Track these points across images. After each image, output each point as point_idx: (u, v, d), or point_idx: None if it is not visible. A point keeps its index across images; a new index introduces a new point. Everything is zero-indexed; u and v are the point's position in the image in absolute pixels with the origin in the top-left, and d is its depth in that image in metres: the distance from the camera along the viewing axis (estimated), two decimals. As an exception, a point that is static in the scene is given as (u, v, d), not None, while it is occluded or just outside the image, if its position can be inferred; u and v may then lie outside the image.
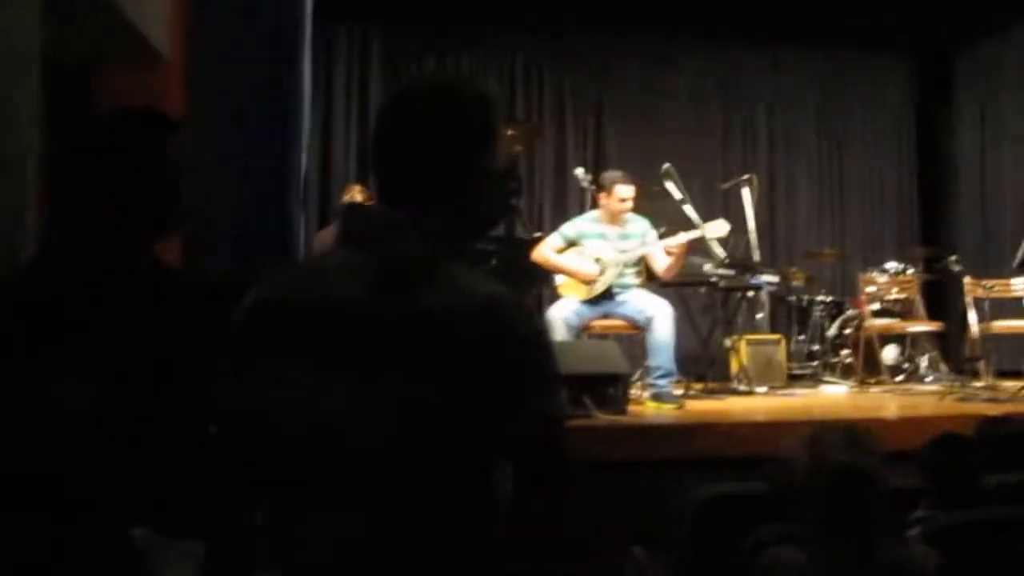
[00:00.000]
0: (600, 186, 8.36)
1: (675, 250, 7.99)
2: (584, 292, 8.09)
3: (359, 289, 2.00)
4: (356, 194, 9.17)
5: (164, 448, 2.47)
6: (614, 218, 8.19)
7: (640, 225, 8.26)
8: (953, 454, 4.53)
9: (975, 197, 12.53)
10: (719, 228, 8.25)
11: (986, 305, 9.13)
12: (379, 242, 2.05)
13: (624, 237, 8.17)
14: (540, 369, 2.09)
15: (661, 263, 8.14)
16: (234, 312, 2.09)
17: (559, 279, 8.31)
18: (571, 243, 8.22)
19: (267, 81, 6.56)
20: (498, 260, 8.65)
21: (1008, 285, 9.49)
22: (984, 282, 9.22)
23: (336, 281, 2.03)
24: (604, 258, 8.07)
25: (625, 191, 8.15)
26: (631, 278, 8.18)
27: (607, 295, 8.10)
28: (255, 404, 2.04)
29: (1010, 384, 8.55)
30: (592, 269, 8.07)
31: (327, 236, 9.08)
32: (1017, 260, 8.44)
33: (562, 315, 7.95)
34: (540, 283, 9.13)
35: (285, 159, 6.69)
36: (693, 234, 8.13)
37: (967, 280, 9.39)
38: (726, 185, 10.53)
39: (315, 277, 2.10)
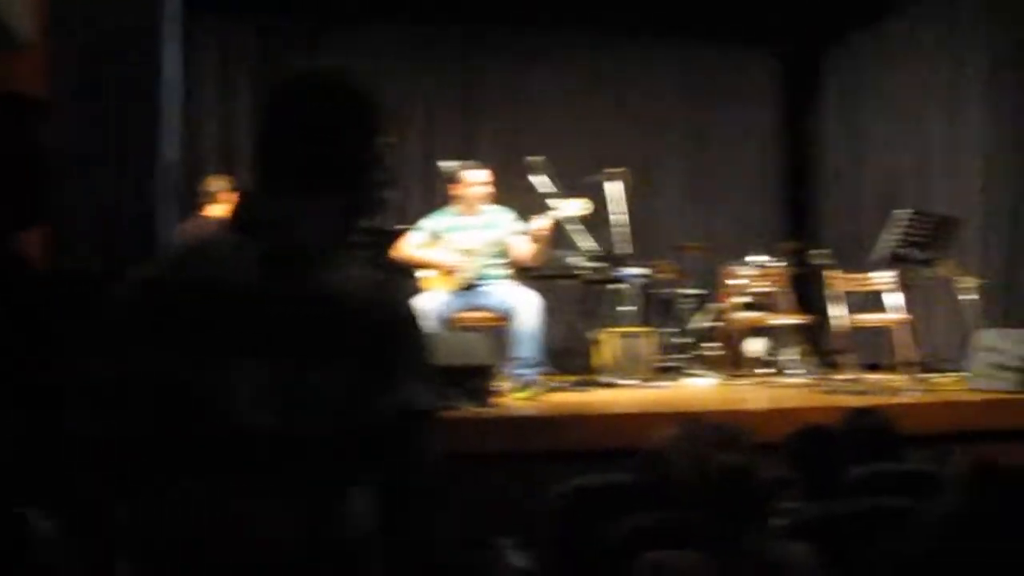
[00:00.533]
0: (453, 178, 8.31)
1: (538, 234, 7.94)
2: (449, 284, 8.02)
3: (250, 273, 2.06)
4: (215, 184, 8.99)
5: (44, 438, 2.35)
6: (472, 208, 8.14)
7: (501, 215, 8.22)
8: (818, 446, 4.55)
9: (840, 191, 12.70)
10: (580, 206, 8.21)
11: (851, 298, 9.22)
12: (269, 229, 2.11)
13: (485, 227, 8.12)
14: (420, 353, 2.20)
15: (523, 251, 8.09)
16: (116, 290, 2.11)
17: (423, 273, 8.22)
18: (434, 237, 8.16)
19: (131, 69, 6.43)
20: (367, 251, 8.52)
21: (873, 278, 9.59)
22: (848, 275, 9.32)
23: (226, 265, 2.08)
24: (467, 248, 8.01)
25: (474, 175, 8.12)
26: (497, 269, 8.13)
27: (473, 286, 8.04)
28: (137, 385, 2.04)
29: (873, 377, 8.65)
30: (456, 260, 8.01)
31: (192, 227, 8.90)
32: (876, 254, 8.53)
33: (428, 307, 7.86)
34: (405, 274, 9.04)
35: (149, 148, 6.56)
36: (554, 214, 8.09)
37: (831, 273, 9.47)
38: (595, 178, 10.51)
39: (204, 260, 2.13)
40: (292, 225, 2.11)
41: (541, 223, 7.95)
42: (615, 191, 9.34)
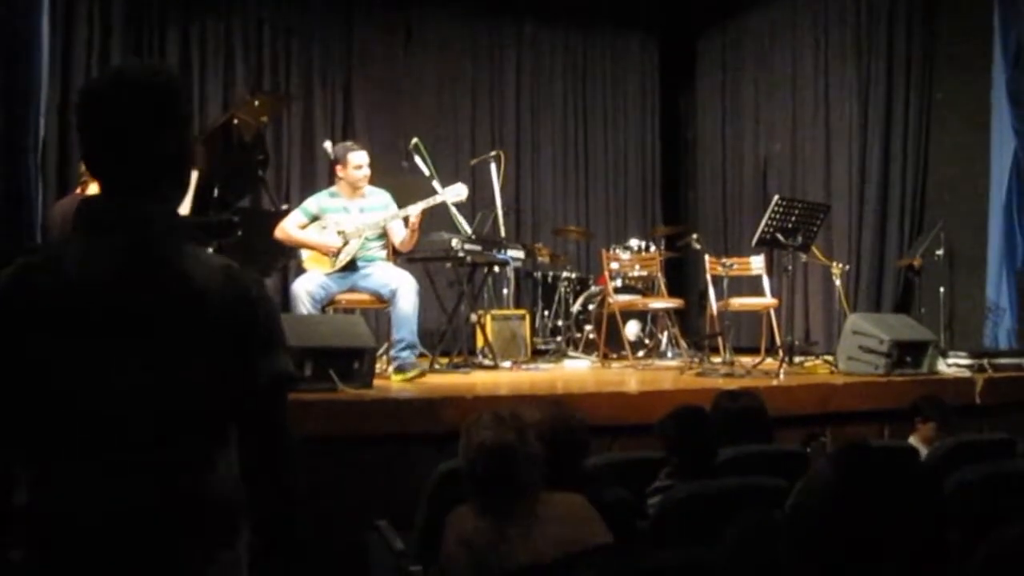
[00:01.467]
0: (335, 159, 8.30)
1: (415, 220, 7.97)
2: (328, 265, 8.00)
3: (106, 270, 2.20)
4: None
5: None
6: (354, 191, 8.15)
7: (381, 197, 8.23)
8: (691, 426, 4.63)
9: (716, 177, 12.90)
10: (457, 192, 8.26)
11: (725, 283, 9.36)
12: (117, 228, 2.24)
13: (365, 210, 8.12)
14: (271, 329, 2.36)
15: (399, 235, 8.12)
16: None
17: (304, 253, 8.20)
18: (314, 218, 8.13)
19: (5, 36, 6.30)
20: (244, 232, 8.48)
21: (747, 263, 9.76)
22: (724, 260, 9.46)
23: (83, 264, 2.22)
24: (347, 230, 8.01)
25: (358, 157, 8.12)
26: (376, 251, 8.14)
27: (352, 268, 8.03)
28: (17, 376, 2.18)
29: (747, 360, 8.79)
30: (335, 241, 7.99)
31: (68, 204, 8.76)
32: (756, 238, 8.67)
33: (307, 288, 7.84)
34: (286, 256, 9.00)
35: (21, 121, 6.44)
36: (431, 200, 8.12)
37: (708, 258, 9.61)
38: (475, 161, 10.55)
39: (62, 261, 2.24)
40: (139, 223, 2.25)
41: (419, 207, 7.98)
42: (493, 173, 9.37)
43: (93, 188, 8.64)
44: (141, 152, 2.28)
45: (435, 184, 8.40)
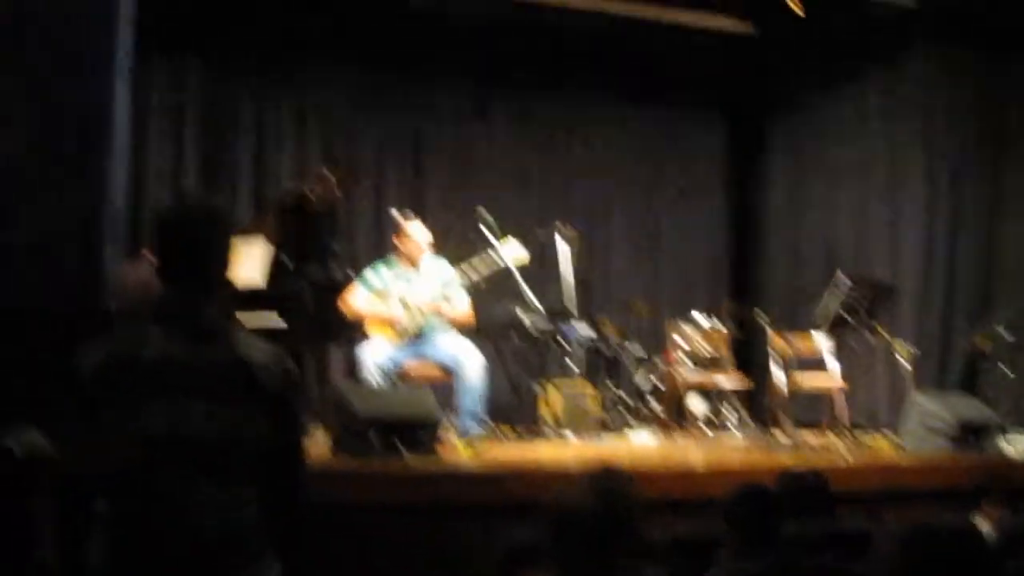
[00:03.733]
0: (395, 230, 8.40)
1: (476, 276, 8.09)
2: (394, 335, 8.09)
3: (177, 347, 2.98)
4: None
5: None
6: (413, 260, 8.23)
7: (442, 267, 8.31)
8: (755, 505, 4.63)
9: (783, 255, 12.85)
10: (516, 252, 8.32)
11: (791, 360, 9.35)
12: (184, 318, 3.05)
13: (425, 279, 8.21)
14: (298, 395, 3.24)
15: (461, 311, 8.20)
16: (81, 366, 2.98)
17: (370, 324, 8.29)
18: (376, 289, 8.23)
19: (79, 103, 6.41)
20: (313, 303, 8.60)
21: (813, 341, 9.75)
22: (789, 337, 9.45)
23: (161, 342, 2.99)
24: (408, 300, 8.09)
25: (413, 228, 8.22)
26: (440, 321, 8.21)
27: (417, 338, 8.11)
28: (110, 427, 2.91)
29: (810, 437, 8.76)
30: (397, 313, 8.08)
31: (137, 268, 8.91)
32: (819, 316, 8.67)
33: (373, 358, 7.93)
34: (353, 327, 9.09)
35: (96, 185, 6.54)
36: (491, 265, 8.21)
37: (772, 334, 9.61)
38: (543, 234, 10.62)
39: (146, 339, 3.01)
40: (198, 312, 3.05)
41: (481, 271, 8.09)
42: (562, 246, 9.44)
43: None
44: (202, 265, 3.09)
45: (498, 251, 8.46)
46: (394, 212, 8.99)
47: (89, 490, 2.99)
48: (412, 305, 8.07)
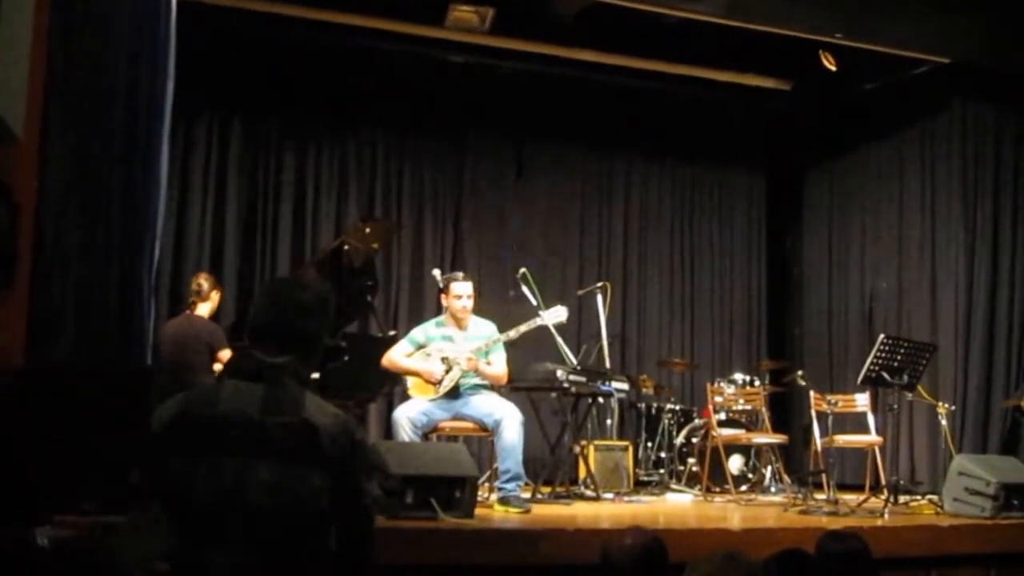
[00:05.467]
0: (441, 288, 8.44)
1: (516, 334, 8.14)
2: (432, 392, 8.10)
3: (249, 406, 3.08)
4: (203, 281, 9.10)
5: None
6: (459, 320, 8.27)
7: (486, 328, 8.36)
8: (794, 570, 4.59)
9: (822, 313, 12.81)
10: (557, 314, 8.36)
11: (830, 419, 9.28)
12: (260, 377, 3.14)
13: (470, 339, 8.23)
14: (367, 463, 3.34)
15: (498, 369, 8.22)
16: (156, 421, 3.11)
17: (409, 381, 8.31)
18: (420, 347, 8.26)
19: (122, 164, 6.48)
20: (351, 357, 8.63)
21: (852, 400, 9.70)
22: (829, 397, 9.39)
23: (233, 401, 3.10)
24: (450, 357, 8.11)
25: (459, 288, 8.26)
26: (479, 380, 8.21)
27: (455, 395, 8.12)
28: (179, 482, 3.02)
29: (851, 498, 8.68)
30: (438, 368, 8.10)
31: (178, 324, 8.99)
32: (861, 376, 8.63)
33: (408, 415, 7.93)
34: (392, 382, 9.12)
35: (138, 243, 6.59)
36: (531, 324, 8.25)
37: (813, 394, 9.56)
38: (581, 292, 10.64)
39: (218, 397, 3.12)
40: (277, 375, 3.15)
41: (517, 333, 8.16)
42: (600, 304, 9.45)
43: (201, 309, 8.92)
44: (298, 339, 3.26)
45: (541, 313, 8.49)
46: (436, 273, 8.95)
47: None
48: (451, 360, 8.09)
